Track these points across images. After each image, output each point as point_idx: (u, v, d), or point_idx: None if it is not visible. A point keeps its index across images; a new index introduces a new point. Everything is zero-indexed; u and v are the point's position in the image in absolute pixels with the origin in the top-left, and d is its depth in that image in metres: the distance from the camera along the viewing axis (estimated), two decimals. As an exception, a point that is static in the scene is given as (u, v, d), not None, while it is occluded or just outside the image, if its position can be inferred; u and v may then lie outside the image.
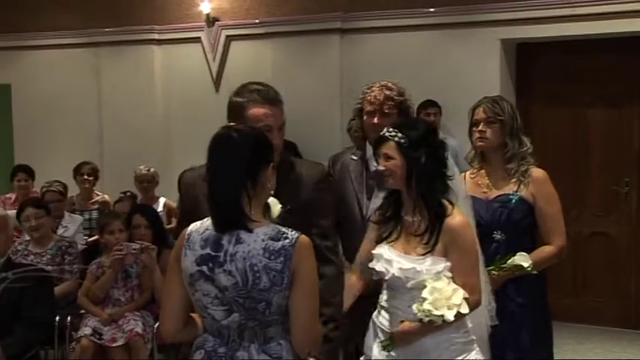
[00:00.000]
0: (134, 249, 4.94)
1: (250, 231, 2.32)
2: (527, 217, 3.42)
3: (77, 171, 6.86)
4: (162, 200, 6.72)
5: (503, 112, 3.47)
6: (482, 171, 3.55)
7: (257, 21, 7.60)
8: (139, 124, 8.03)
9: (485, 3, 6.66)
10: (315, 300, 2.35)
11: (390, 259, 2.89)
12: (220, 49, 7.79)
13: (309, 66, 7.33)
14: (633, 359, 5.87)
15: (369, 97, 3.61)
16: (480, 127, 3.49)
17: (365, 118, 3.59)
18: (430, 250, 2.82)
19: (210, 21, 7.78)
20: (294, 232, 2.34)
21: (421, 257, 2.83)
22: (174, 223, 6.59)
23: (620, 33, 6.22)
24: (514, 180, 3.44)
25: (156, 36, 8.06)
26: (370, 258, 2.99)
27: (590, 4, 6.24)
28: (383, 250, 2.94)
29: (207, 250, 2.34)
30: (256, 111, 2.80)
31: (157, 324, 4.99)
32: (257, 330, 2.34)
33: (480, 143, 3.50)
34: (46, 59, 8.55)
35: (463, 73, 6.69)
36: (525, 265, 3.26)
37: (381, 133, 2.97)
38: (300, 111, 7.11)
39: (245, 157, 2.34)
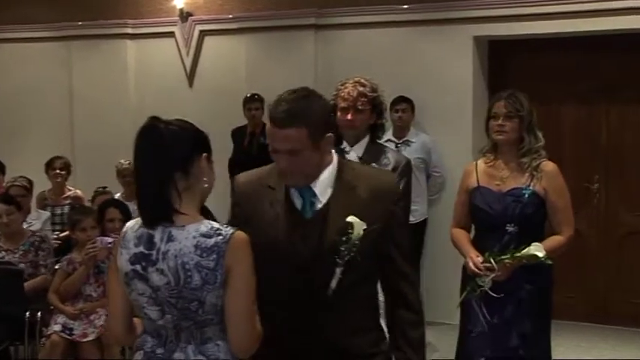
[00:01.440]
0: (109, 243, 4.87)
1: (182, 227, 2.24)
2: (539, 210, 3.55)
3: (49, 165, 6.77)
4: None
5: (522, 107, 3.58)
6: (498, 162, 3.64)
7: (231, 16, 7.55)
8: (111, 118, 7.95)
9: (458, 0, 6.67)
10: (250, 299, 2.24)
11: None
12: (194, 44, 7.73)
13: (284, 62, 7.30)
14: (602, 359, 5.92)
15: (342, 94, 3.62)
16: (500, 121, 3.58)
17: (339, 114, 3.58)
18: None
19: (184, 16, 7.73)
20: (229, 228, 2.25)
21: None
22: None
23: (590, 31, 6.27)
24: (527, 174, 3.55)
25: (129, 30, 7.98)
26: None
27: (560, 3, 6.28)
28: None
29: (141, 249, 2.27)
30: (268, 128, 2.54)
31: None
32: (193, 330, 2.27)
33: (500, 137, 3.59)
34: (18, 53, 8.44)
35: (436, 70, 6.70)
36: (540, 255, 3.35)
37: None
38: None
39: (171, 149, 2.26)
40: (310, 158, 2.39)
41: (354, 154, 3.55)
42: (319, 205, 2.45)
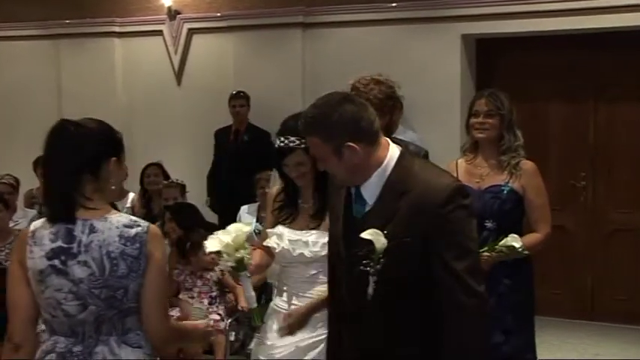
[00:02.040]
0: None
1: (104, 219, 2.34)
2: (517, 207, 3.57)
3: (37, 164, 6.73)
4: (131, 195, 6.62)
5: (503, 105, 3.61)
6: (478, 160, 3.68)
7: (219, 14, 7.53)
8: (99, 117, 7.75)
9: (446, -2, 6.69)
10: (164, 288, 2.42)
11: (282, 233, 3.09)
12: (182, 42, 7.71)
13: (271, 60, 7.29)
14: (587, 357, 5.95)
15: (367, 96, 3.59)
16: (481, 119, 3.62)
17: None
18: (319, 224, 3.03)
19: (172, 14, 7.71)
20: (144, 221, 2.40)
21: (308, 231, 3.05)
22: None
23: (578, 29, 6.29)
24: (506, 172, 3.58)
25: (117, 28, 7.96)
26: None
27: (548, 1, 6.29)
28: (277, 228, 3.13)
29: (59, 243, 2.32)
30: None
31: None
32: (115, 321, 2.35)
33: (480, 135, 3.63)
34: (5, 51, 8.39)
35: (424, 67, 6.70)
36: (517, 245, 3.37)
37: (290, 145, 3.00)
38: (262, 105, 7.08)
39: (82, 151, 2.35)
40: (336, 166, 2.36)
41: None
42: (367, 208, 2.42)
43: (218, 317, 4.79)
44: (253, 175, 6.09)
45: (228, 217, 5.29)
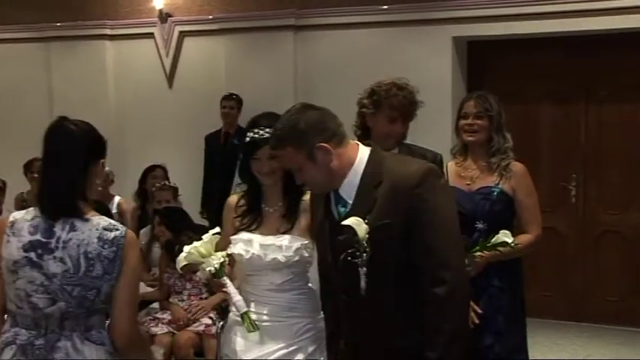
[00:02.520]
0: None
1: (86, 220, 2.40)
2: (507, 208, 3.58)
3: (27, 168, 6.71)
4: (116, 199, 6.61)
5: (491, 107, 3.62)
6: (468, 162, 3.69)
7: (210, 17, 7.54)
8: (91, 120, 7.64)
9: (437, 1, 6.70)
10: (136, 295, 2.50)
11: (250, 239, 2.97)
12: (173, 45, 7.72)
13: (263, 63, 7.30)
14: (578, 357, 5.97)
15: (392, 102, 3.55)
16: (470, 120, 3.64)
17: (385, 122, 3.50)
18: (291, 227, 2.94)
19: (164, 17, 7.71)
20: (122, 225, 2.47)
21: (280, 235, 2.94)
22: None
23: (568, 32, 6.32)
24: (496, 173, 3.59)
25: (108, 31, 7.95)
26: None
27: (539, 4, 6.32)
28: (242, 235, 3.00)
29: (37, 237, 2.38)
30: None
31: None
32: (80, 319, 2.40)
33: (469, 138, 3.64)
34: (-4, 53, 8.39)
35: (415, 70, 6.68)
36: (509, 240, 3.35)
37: (266, 135, 2.89)
38: (254, 108, 7.05)
39: (81, 150, 2.44)
40: (312, 170, 2.44)
41: None
42: (348, 207, 2.48)
43: (209, 321, 4.78)
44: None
45: (219, 222, 5.28)
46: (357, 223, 2.36)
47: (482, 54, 6.94)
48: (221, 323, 4.84)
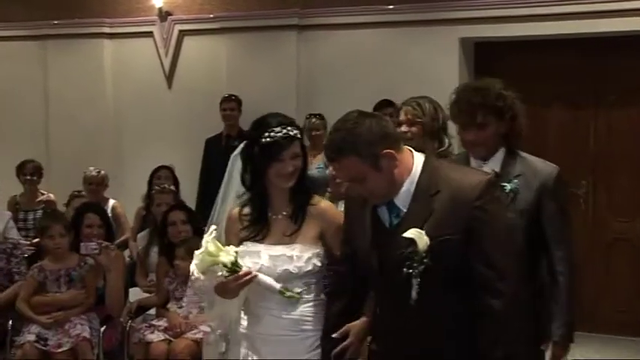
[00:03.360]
0: (93, 248, 4.79)
1: None
2: None
3: (20, 170, 6.70)
4: (111, 202, 6.58)
5: (424, 114, 3.70)
6: None
7: (211, 16, 7.50)
8: (88, 121, 7.87)
9: (444, 1, 6.67)
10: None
11: (258, 250, 2.87)
12: (173, 44, 7.68)
13: (265, 63, 7.25)
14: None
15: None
16: (403, 128, 3.72)
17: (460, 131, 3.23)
18: (298, 229, 2.86)
19: (163, 15, 7.68)
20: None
21: (290, 245, 2.85)
22: (126, 233, 6.46)
23: (577, 34, 6.30)
24: None
25: (106, 29, 7.91)
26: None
27: (548, 5, 6.30)
28: (247, 246, 2.90)
29: None
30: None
31: (104, 327, 4.91)
32: None
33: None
34: (-8, 52, 8.34)
35: (421, 71, 6.68)
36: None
37: (290, 133, 2.86)
38: (255, 109, 7.00)
39: None
40: (377, 179, 2.42)
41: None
42: (401, 215, 2.48)
43: (208, 329, 4.72)
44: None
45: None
46: (419, 236, 2.36)
47: (490, 56, 6.89)
48: (219, 331, 4.80)
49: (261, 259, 2.85)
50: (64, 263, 4.94)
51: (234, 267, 2.79)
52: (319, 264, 2.86)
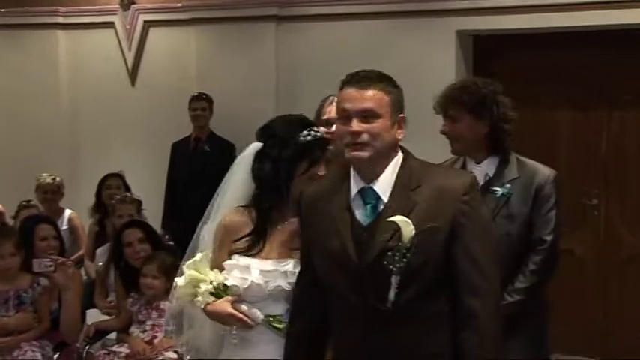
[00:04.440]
0: (48, 265, 4.77)
1: None
2: None
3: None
4: (67, 213, 6.58)
5: None
6: None
7: (179, 5, 7.53)
8: (41, 121, 7.88)
9: (439, -11, 6.72)
10: None
11: (248, 264, 2.91)
12: (137, 36, 7.70)
13: (241, 57, 7.28)
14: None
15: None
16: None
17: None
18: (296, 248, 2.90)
19: (126, 4, 7.69)
20: None
21: (283, 259, 2.90)
22: (83, 247, 6.46)
23: (588, 27, 6.32)
24: None
25: (60, 19, 7.93)
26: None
27: (556, -6, 6.35)
28: (236, 259, 2.94)
29: None
30: (340, 95, 2.78)
31: (58, 354, 4.90)
32: None
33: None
34: None
35: (414, 68, 6.71)
36: None
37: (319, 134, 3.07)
38: (231, 108, 7.07)
39: None
40: (385, 129, 2.58)
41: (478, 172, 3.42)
42: (381, 208, 2.57)
43: (175, 355, 4.74)
44: (214, 191, 6.08)
45: (185, 240, 5.24)
46: (405, 224, 2.46)
47: (490, 50, 6.94)
48: (188, 357, 4.82)
49: (251, 274, 2.89)
50: (13, 284, 4.90)
51: (221, 291, 2.88)
52: None
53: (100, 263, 5.76)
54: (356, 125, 2.56)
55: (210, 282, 2.89)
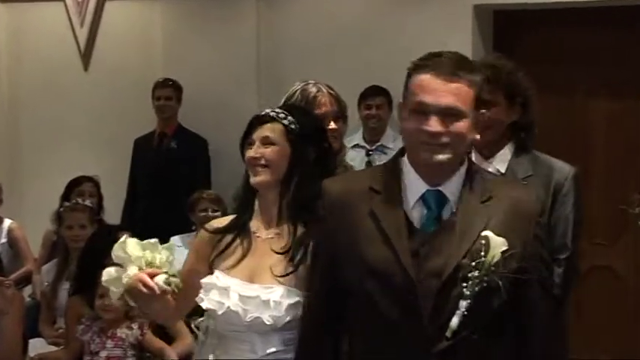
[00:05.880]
0: None
1: None
2: None
3: None
4: (7, 223, 6.55)
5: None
6: None
7: (142, -26, 7.53)
8: None
9: (453, -44, 6.72)
10: None
11: (227, 286, 2.84)
12: (91, 10, 7.69)
13: (215, 36, 7.28)
14: None
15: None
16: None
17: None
18: (294, 270, 2.81)
19: (77, -28, 7.69)
20: None
21: (269, 286, 2.81)
22: (27, 264, 6.44)
23: (626, 1, 6.36)
24: None
25: (-2, -10, 7.93)
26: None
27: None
28: (218, 278, 2.88)
29: None
30: (419, 80, 2.78)
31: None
32: None
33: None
34: None
35: (423, 50, 6.60)
36: None
37: (263, 112, 2.98)
38: (203, 95, 7.08)
39: None
40: (469, 130, 2.54)
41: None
42: (447, 215, 2.55)
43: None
44: (184, 196, 6.07)
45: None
46: (500, 242, 2.44)
47: (513, 28, 6.96)
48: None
49: (229, 298, 2.81)
50: None
51: (172, 277, 2.80)
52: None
53: (46, 283, 5.72)
54: (436, 125, 2.49)
55: (165, 272, 2.78)
